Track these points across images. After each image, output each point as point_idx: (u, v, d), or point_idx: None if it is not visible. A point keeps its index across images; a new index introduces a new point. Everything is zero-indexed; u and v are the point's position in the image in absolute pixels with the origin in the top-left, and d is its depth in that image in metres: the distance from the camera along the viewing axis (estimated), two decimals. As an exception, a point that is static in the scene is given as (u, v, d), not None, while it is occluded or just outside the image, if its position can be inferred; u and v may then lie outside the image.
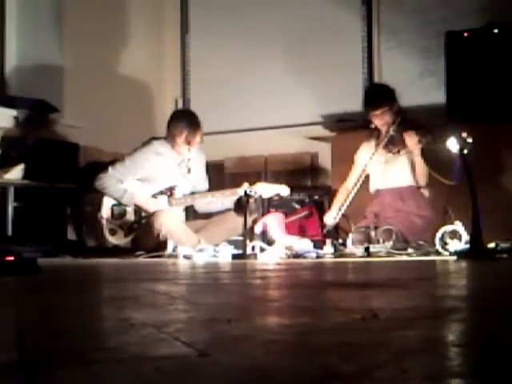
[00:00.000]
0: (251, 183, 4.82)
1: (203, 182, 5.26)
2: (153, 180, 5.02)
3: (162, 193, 5.02)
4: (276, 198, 5.03)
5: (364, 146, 5.14)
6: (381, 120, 4.93)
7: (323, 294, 1.75)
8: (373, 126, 5.01)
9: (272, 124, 6.61)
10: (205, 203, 5.09)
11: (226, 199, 4.99)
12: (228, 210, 5.03)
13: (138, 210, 4.99)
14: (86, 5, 6.44)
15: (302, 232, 5.02)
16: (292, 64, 6.57)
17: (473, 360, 0.79)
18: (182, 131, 4.97)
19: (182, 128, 4.97)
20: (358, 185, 4.93)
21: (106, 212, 4.95)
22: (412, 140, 4.77)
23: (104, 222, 4.93)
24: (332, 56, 6.45)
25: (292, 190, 5.02)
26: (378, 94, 5.06)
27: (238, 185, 4.92)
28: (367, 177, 5.06)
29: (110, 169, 4.99)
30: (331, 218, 4.97)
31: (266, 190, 4.81)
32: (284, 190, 4.84)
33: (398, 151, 4.92)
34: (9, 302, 1.65)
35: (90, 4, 6.49)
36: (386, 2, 6.28)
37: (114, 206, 4.97)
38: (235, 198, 4.91)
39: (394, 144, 4.91)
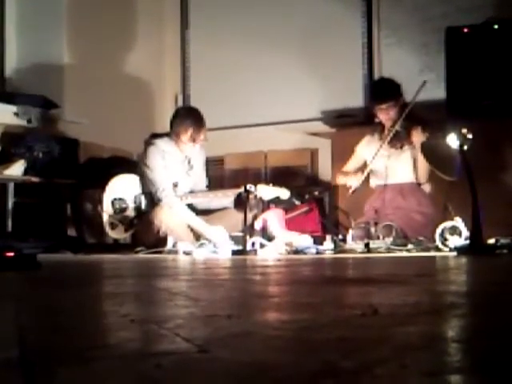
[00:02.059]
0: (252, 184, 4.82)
1: (203, 180, 5.27)
2: None
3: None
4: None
5: (366, 140, 5.12)
6: (386, 114, 4.92)
7: (323, 290, 1.75)
8: (377, 121, 5.00)
9: (272, 120, 6.60)
10: (204, 201, 5.09)
11: (226, 199, 5.00)
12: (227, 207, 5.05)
13: (138, 205, 4.99)
14: (86, 1, 6.44)
15: (301, 228, 5.02)
16: (292, 60, 6.57)
17: (473, 356, 0.79)
18: (187, 129, 4.98)
19: (187, 125, 4.98)
20: (362, 178, 4.91)
21: (106, 206, 4.95)
22: (419, 136, 4.75)
23: (105, 216, 4.93)
24: (332, 52, 6.45)
25: (292, 186, 5.02)
26: (384, 88, 5.04)
27: (238, 181, 4.93)
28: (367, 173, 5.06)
29: (157, 193, 4.89)
30: (356, 180, 4.92)
31: (266, 192, 4.81)
32: (284, 193, 4.84)
33: (401, 147, 4.92)
34: (9, 297, 1.65)
35: (90, 0, 6.48)
36: (385, -2, 6.28)
37: (114, 200, 4.97)
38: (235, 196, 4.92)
39: (399, 139, 4.90)
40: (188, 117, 5.06)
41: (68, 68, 6.25)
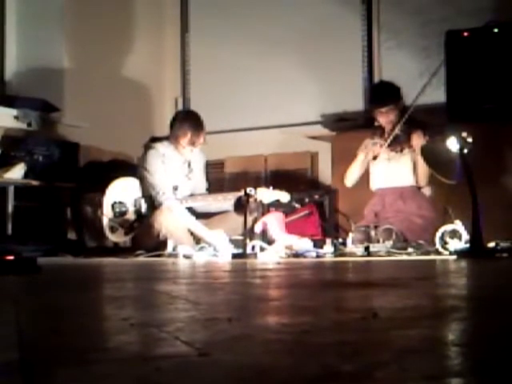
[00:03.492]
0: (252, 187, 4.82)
1: (203, 183, 5.27)
2: None
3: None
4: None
5: (366, 143, 5.12)
6: (386, 118, 4.93)
7: (323, 294, 1.75)
8: (377, 124, 5.00)
9: (272, 123, 6.60)
10: (204, 204, 5.09)
11: (226, 202, 5.00)
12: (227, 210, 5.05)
13: (138, 209, 4.99)
14: (86, 4, 6.44)
15: (301, 231, 5.02)
16: (292, 63, 6.57)
17: (473, 359, 0.79)
18: (186, 132, 4.99)
19: (186, 129, 4.99)
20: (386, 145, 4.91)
21: (106, 210, 4.95)
22: (420, 140, 4.75)
23: (105, 219, 4.93)
24: (332, 55, 6.45)
25: (292, 190, 5.02)
26: (384, 92, 5.05)
27: (238, 184, 4.93)
28: (368, 174, 5.06)
29: (157, 197, 4.90)
30: (378, 148, 4.93)
31: (266, 195, 4.81)
32: (284, 197, 4.83)
33: (401, 150, 4.92)
34: (8, 301, 1.65)
35: (91, 3, 6.49)
36: (385, 2, 6.28)
37: (114, 203, 4.97)
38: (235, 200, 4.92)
39: (399, 143, 4.91)
40: (187, 120, 5.07)
41: (68, 71, 6.25)
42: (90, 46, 6.42)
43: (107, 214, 4.94)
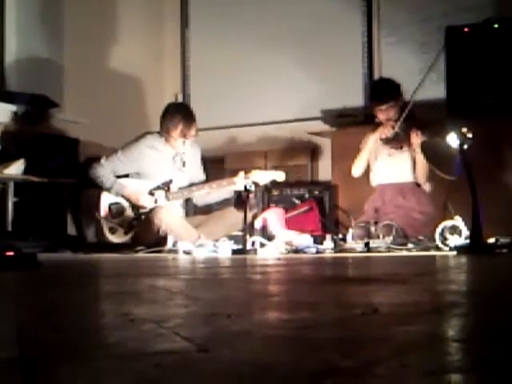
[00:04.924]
0: (247, 171, 4.83)
1: (199, 175, 5.26)
2: (148, 175, 5.03)
3: (158, 188, 5.03)
4: (274, 191, 5.03)
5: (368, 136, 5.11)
6: (386, 115, 4.92)
7: (323, 289, 1.75)
8: (377, 121, 5.00)
9: (272, 119, 6.60)
10: (202, 195, 5.08)
11: (222, 190, 5.00)
12: (227, 202, 5.05)
13: (136, 206, 4.99)
14: (85, 0, 6.44)
15: (301, 227, 5.02)
16: (292, 59, 6.56)
17: (473, 355, 0.79)
18: (177, 124, 4.98)
19: (177, 121, 4.99)
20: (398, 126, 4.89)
21: (104, 211, 4.95)
22: (418, 140, 4.75)
23: (103, 221, 4.92)
24: (332, 51, 6.45)
25: (292, 185, 5.02)
26: (384, 89, 5.04)
27: (235, 176, 4.91)
28: (368, 172, 5.06)
29: (103, 159, 5.00)
30: (390, 131, 4.92)
31: (261, 176, 4.82)
32: (280, 176, 4.85)
33: (401, 147, 4.92)
34: (8, 297, 1.65)
35: (90, -1, 6.49)
36: (385, -3, 6.28)
37: (111, 204, 4.96)
38: (232, 187, 4.91)
39: (399, 141, 4.90)
40: (178, 112, 5.07)
41: (67, 67, 6.24)
42: (89, 41, 6.41)
43: (105, 215, 4.94)
